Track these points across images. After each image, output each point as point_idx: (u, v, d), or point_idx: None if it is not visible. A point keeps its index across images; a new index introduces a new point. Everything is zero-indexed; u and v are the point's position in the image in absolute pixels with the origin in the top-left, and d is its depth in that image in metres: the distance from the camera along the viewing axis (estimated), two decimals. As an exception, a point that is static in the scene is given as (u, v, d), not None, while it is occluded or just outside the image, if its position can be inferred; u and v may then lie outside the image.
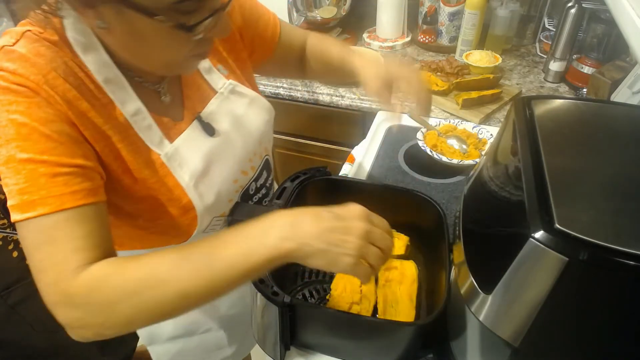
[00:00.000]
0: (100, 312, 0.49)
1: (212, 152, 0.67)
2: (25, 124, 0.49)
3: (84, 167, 0.52)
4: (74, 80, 0.54)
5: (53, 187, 0.49)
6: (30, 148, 0.49)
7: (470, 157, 1.05)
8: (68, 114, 0.53)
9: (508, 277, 0.46)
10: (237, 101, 0.73)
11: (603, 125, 0.58)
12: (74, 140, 0.53)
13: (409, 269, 0.78)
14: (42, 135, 0.50)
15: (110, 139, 0.57)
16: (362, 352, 0.70)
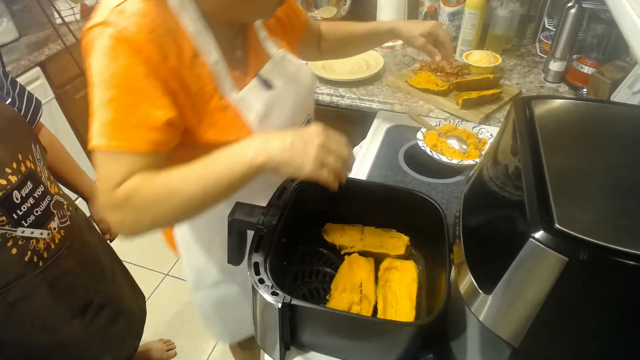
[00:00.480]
0: (133, 215, 0.64)
1: (271, 100, 0.78)
2: (127, 75, 0.61)
3: (165, 122, 0.63)
4: (170, 35, 0.65)
5: (135, 132, 0.62)
6: (126, 96, 0.61)
7: (470, 157, 1.05)
8: (162, 70, 0.63)
9: (508, 277, 0.46)
10: (288, 65, 0.85)
11: (603, 125, 0.58)
12: (163, 96, 0.63)
13: (409, 269, 0.78)
14: (139, 87, 0.62)
15: (192, 87, 0.68)
16: (362, 352, 0.70)
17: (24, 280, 0.93)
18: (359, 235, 0.85)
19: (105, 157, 0.63)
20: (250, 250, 0.67)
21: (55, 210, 0.98)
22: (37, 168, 0.95)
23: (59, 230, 0.98)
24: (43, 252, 0.95)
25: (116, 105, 0.62)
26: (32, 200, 0.91)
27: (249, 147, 0.63)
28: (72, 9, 2.12)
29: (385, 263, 0.79)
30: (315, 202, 0.84)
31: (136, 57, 0.61)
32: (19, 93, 1.01)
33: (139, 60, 0.61)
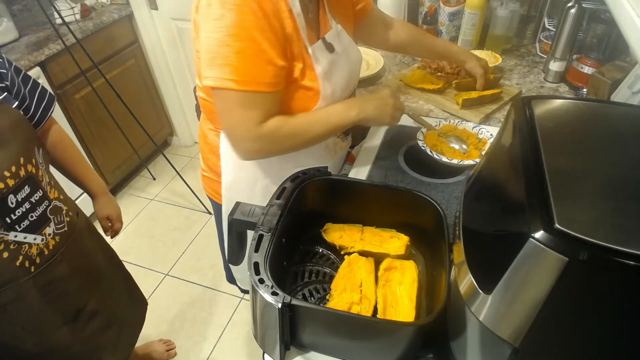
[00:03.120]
0: (272, 146, 0.89)
1: (333, 61, 0.93)
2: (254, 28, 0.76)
3: (282, 67, 0.81)
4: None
5: (260, 74, 0.79)
6: (254, 47, 0.77)
7: (470, 157, 1.05)
8: (276, 22, 0.78)
9: (508, 277, 0.46)
10: (343, 39, 0.98)
11: (603, 125, 0.58)
12: (279, 45, 0.80)
13: (409, 269, 0.78)
14: (263, 38, 0.77)
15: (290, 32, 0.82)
16: (362, 352, 0.70)
17: (14, 284, 0.92)
18: (359, 235, 0.85)
19: (238, 99, 0.80)
20: (250, 250, 0.67)
21: (52, 215, 0.97)
22: (39, 172, 0.94)
23: (54, 236, 0.97)
24: (35, 258, 0.93)
25: (249, 53, 0.76)
26: (28, 205, 0.90)
27: (353, 108, 0.92)
28: (72, 9, 2.12)
29: (385, 263, 0.79)
30: (315, 202, 0.84)
31: (259, 12, 0.75)
32: (30, 89, 1.00)
33: (263, 13, 0.75)
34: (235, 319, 1.90)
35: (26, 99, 0.98)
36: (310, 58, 0.87)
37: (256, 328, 0.70)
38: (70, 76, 2.07)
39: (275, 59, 0.79)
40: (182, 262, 2.18)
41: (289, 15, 0.81)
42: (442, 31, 1.59)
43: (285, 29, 0.81)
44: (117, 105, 2.22)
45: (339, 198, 0.85)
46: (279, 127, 0.85)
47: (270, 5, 0.77)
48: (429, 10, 1.57)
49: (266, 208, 0.73)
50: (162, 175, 2.68)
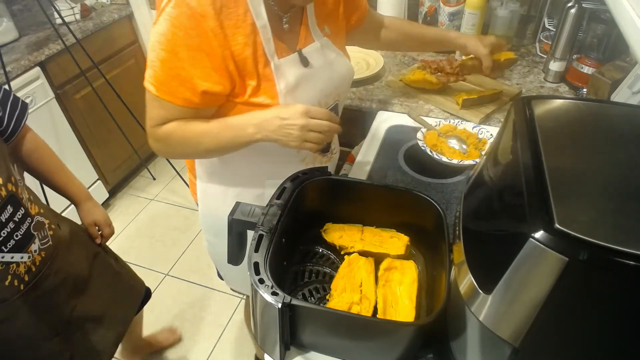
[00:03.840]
0: (168, 149, 0.87)
1: (303, 76, 0.86)
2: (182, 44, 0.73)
3: (202, 91, 0.76)
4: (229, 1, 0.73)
5: (177, 89, 0.77)
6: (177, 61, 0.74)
7: (470, 157, 1.05)
8: (218, 41, 0.73)
9: (508, 277, 0.46)
10: (327, 52, 0.93)
11: (603, 125, 0.58)
12: (213, 68, 0.75)
13: (409, 269, 0.78)
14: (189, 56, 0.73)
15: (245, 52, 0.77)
16: (362, 352, 0.70)
17: (5, 304, 0.91)
18: (359, 235, 0.85)
19: (153, 101, 0.80)
20: (250, 250, 0.67)
21: (36, 232, 0.96)
22: (18, 190, 0.92)
23: (39, 252, 0.96)
24: (24, 276, 0.93)
25: (168, 65, 0.75)
26: (12, 225, 0.89)
27: (250, 124, 0.80)
28: (72, 9, 2.12)
29: (385, 263, 0.79)
30: (315, 202, 0.84)
31: (193, 30, 0.72)
32: (2, 100, 0.98)
33: (195, 33, 0.72)
34: (235, 319, 1.90)
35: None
36: (271, 73, 0.82)
37: (256, 328, 0.70)
38: (70, 76, 2.07)
39: (196, 81, 0.75)
40: (182, 262, 2.18)
41: (248, 30, 0.76)
42: (442, 31, 1.59)
43: (231, 49, 0.75)
44: (117, 105, 2.22)
45: (339, 198, 0.85)
46: (171, 132, 0.82)
47: (215, 23, 0.72)
48: (429, 10, 1.57)
49: (266, 208, 0.73)
50: (162, 175, 2.68)
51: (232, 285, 1.35)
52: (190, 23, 0.71)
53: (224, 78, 0.77)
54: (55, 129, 2.05)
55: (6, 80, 1.71)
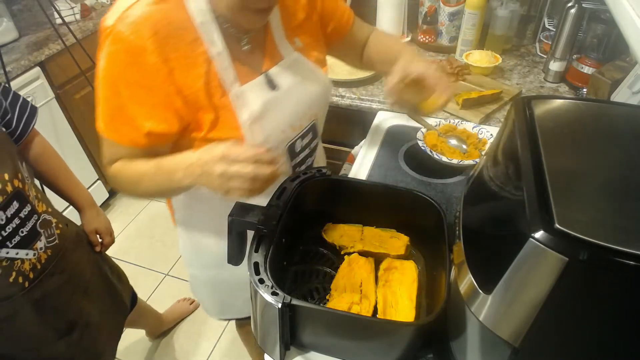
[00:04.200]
0: (119, 187, 0.80)
1: (270, 102, 0.78)
2: (122, 81, 0.68)
3: (147, 132, 0.71)
4: (176, 34, 0.68)
5: (120, 129, 0.72)
6: (118, 99, 0.69)
7: (470, 157, 1.05)
8: (160, 77, 0.67)
9: (508, 277, 0.46)
10: (299, 70, 0.84)
11: (603, 125, 0.58)
12: (153, 106, 0.69)
13: (409, 269, 0.78)
14: (130, 94, 0.68)
15: (195, 85, 0.70)
16: (362, 352, 0.70)
17: (9, 301, 0.91)
18: (359, 235, 0.85)
19: (103, 139, 0.75)
20: (250, 250, 0.67)
21: (42, 229, 0.96)
22: (25, 187, 0.93)
23: (45, 250, 0.96)
24: (29, 273, 0.93)
25: (110, 104, 0.70)
26: (18, 221, 0.90)
27: (179, 168, 0.70)
28: (72, 9, 2.12)
29: (385, 263, 0.79)
30: (315, 202, 0.84)
31: (132, 66, 0.66)
32: (11, 102, 0.99)
33: (135, 69, 0.66)
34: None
35: (7, 113, 0.97)
36: (230, 103, 0.74)
37: (256, 328, 0.70)
38: (70, 76, 2.07)
39: (139, 121, 0.69)
40: (182, 262, 2.17)
41: (200, 60, 0.70)
42: (442, 31, 1.59)
43: (177, 84, 0.69)
44: (117, 105, 2.22)
45: (339, 198, 0.85)
46: (118, 171, 0.77)
47: (156, 58, 0.66)
48: (429, 10, 1.57)
49: (266, 208, 0.73)
50: (162, 175, 2.68)
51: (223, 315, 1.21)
52: (129, 58, 0.66)
53: (170, 115, 0.71)
54: (55, 129, 2.05)
55: (6, 80, 1.71)
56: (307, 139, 0.90)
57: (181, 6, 0.68)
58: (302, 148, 0.90)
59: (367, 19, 1.73)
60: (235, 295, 1.09)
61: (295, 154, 0.88)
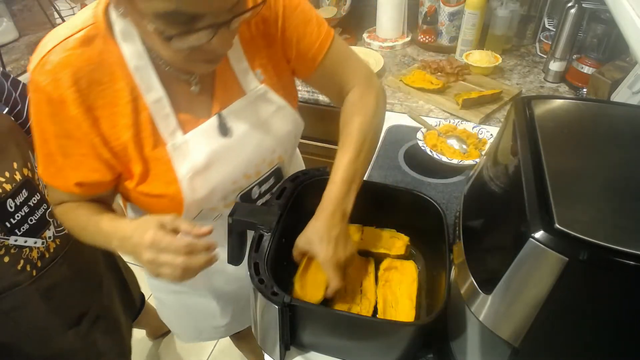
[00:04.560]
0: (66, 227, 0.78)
1: (219, 151, 0.70)
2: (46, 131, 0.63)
3: (75, 183, 0.67)
4: (101, 80, 0.61)
5: (55, 176, 0.68)
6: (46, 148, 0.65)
7: (470, 157, 1.05)
8: (82, 127, 0.62)
9: (508, 277, 0.46)
10: (263, 107, 0.74)
11: (603, 125, 0.58)
12: (80, 156, 0.65)
13: (409, 269, 0.78)
14: (56, 144, 0.64)
15: (123, 136, 0.64)
16: (362, 352, 0.70)
17: (17, 289, 0.92)
18: (359, 235, 0.85)
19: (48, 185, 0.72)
20: (250, 250, 0.67)
21: (52, 218, 0.97)
22: (34, 176, 0.94)
23: (54, 239, 0.97)
24: (37, 262, 0.93)
25: (42, 152, 0.66)
26: (27, 209, 0.90)
27: (115, 237, 0.66)
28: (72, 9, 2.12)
29: (385, 263, 0.79)
30: (315, 202, 0.84)
31: (52, 117, 0.61)
32: (20, 93, 1.00)
33: (58, 120, 0.61)
34: (235, 319, 1.90)
35: (17, 104, 0.97)
36: (167, 155, 0.66)
37: (256, 328, 0.70)
38: (70, 76, 2.07)
39: (67, 172, 0.66)
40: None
41: (128, 109, 0.63)
42: (442, 31, 1.59)
43: (104, 134, 0.63)
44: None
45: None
46: (62, 215, 0.74)
47: (78, 109, 0.60)
48: (429, 10, 1.57)
49: (266, 208, 0.73)
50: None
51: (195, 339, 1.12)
52: (50, 109, 0.61)
53: (101, 165, 0.66)
54: (55, 129, 2.04)
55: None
56: (268, 185, 0.82)
57: (110, 49, 0.61)
58: (261, 194, 0.82)
59: (367, 19, 1.75)
60: (204, 320, 1.03)
61: (250, 200, 0.81)
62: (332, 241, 0.67)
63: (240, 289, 0.96)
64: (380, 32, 1.67)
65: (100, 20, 0.61)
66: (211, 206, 0.75)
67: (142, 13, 0.53)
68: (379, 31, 1.68)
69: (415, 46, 1.68)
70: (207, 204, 0.73)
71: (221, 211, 0.78)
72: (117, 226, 0.67)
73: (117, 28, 0.61)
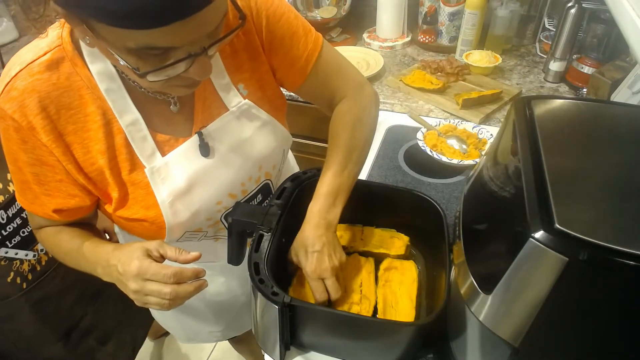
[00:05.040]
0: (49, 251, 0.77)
1: (201, 172, 0.68)
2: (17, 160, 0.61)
3: (52, 210, 0.65)
4: (70, 105, 0.59)
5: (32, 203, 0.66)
6: (20, 175, 0.63)
7: (470, 157, 1.05)
8: (55, 152, 0.60)
9: (508, 277, 0.46)
10: (247, 123, 0.71)
11: (603, 125, 0.58)
12: (55, 182, 0.63)
13: (409, 269, 0.78)
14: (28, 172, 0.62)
15: (98, 162, 0.63)
16: (362, 352, 0.70)
17: (6, 301, 0.91)
18: (359, 235, 0.85)
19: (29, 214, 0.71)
20: (250, 250, 0.67)
21: None
22: None
23: (46, 252, 0.96)
24: (27, 274, 0.93)
25: (17, 178, 0.65)
26: (19, 221, 0.89)
27: (99, 264, 0.65)
28: (72, 9, 2.12)
29: (385, 263, 0.79)
30: (315, 202, 0.84)
31: (23, 145, 0.59)
32: None
33: (29, 147, 0.59)
34: (235, 319, 1.90)
35: None
36: (145, 179, 0.64)
37: (256, 328, 0.70)
38: (70, 76, 2.07)
39: (43, 200, 0.64)
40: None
41: (100, 134, 0.60)
42: (442, 31, 1.59)
43: (77, 160, 0.61)
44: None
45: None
46: (44, 240, 0.73)
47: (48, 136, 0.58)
48: (429, 10, 1.57)
49: (266, 208, 0.73)
50: (162, 175, 2.68)
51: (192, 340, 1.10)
52: (20, 136, 0.58)
53: (78, 191, 0.64)
54: (55, 129, 2.04)
55: (6, 81, 1.71)
56: (256, 202, 0.80)
57: (79, 71, 0.58)
58: None
59: (367, 19, 1.75)
60: (197, 324, 1.02)
61: None
62: (314, 253, 0.66)
63: (232, 298, 0.95)
64: (380, 32, 1.67)
65: (66, 42, 0.58)
66: (195, 228, 0.74)
67: (112, 47, 0.49)
68: (379, 31, 1.68)
69: (415, 46, 1.68)
70: (190, 226, 0.72)
71: (207, 231, 0.76)
72: (100, 253, 0.65)
73: (85, 50, 0.58)
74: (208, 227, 0.76)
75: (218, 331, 1.03)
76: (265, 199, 0.83)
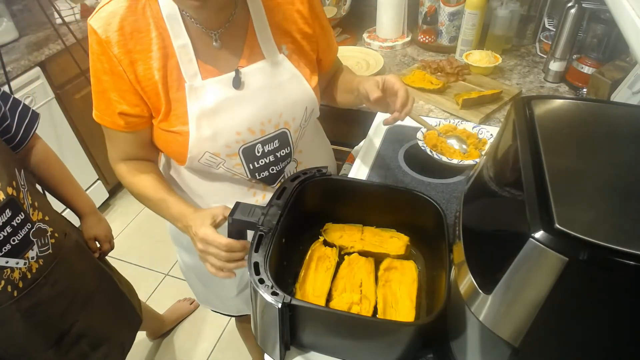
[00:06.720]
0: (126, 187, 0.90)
1: (228, 101, 0.79)
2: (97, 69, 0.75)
3: (119, 112, 0.77)
4: (142, 29, 0.73)
5: (105, 112, 0.79)
6: (98, 85, 0.77)
7: (470, 157, 1.05)
8: (124, 66, 0.73)
9: (508, 277, 0.46)
10: (278, 74, 0.82)
11: (603, 125, 0.58)
12: (122, 90, 0.76)
13: (409, 269, 0.78)
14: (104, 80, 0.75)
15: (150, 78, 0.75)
16: (362, 352, 0.70)
17: None
18: (359, 235, 0.85)
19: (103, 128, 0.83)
20: (250, 250, 0.67)
21: (36, 238, 0.94)
22: (20, 195, 0.92)
23: (37, 260, 0.95)
24: (18, 282, 0.91)
25: (95, 89, 0.78)
26: (10, 229, 0.88)
27: (179, 220, 0.82)
28: (72, 9, 2.12)
29: (385, 263, 0.79)
30: (315, 202, 0.84)
31: (102, 56, 0.73)
32: (10, 107, 0.98)
33: (105, 58, 0.73)
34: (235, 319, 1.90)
35: (6, 119, 0.96)
36: (185, 95, 0.76)
37: (256, 328, 0.70)
38: (70, 76, 2.07)
39: (114, 103, 0.77)
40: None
41: (159, 54, 0.74)
42: (442, 31, 1.59)
43: (137, 73, 0.74)
44: (117, 105, 2.22)
45: (339, 198, 0.85)
46: (122, 176, 0.88)
47: (119, 49, 0.72)
48: (429, 10, 1.57)
49: (266, 208, 0.73)
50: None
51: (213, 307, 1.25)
52: (99, 49, 0.73)
53: (139, 101, 0.77)
54: (55, 129, 2.05)
55: (6, 80, 1.71)
56: (272, 147, 0.86)
57: (151, 5, 0.73)
58: (264, 154, 0.86)
59: (367, 19, 1.75)
60: (222, 289, 1.10)
61: (253, 157, 0.85)
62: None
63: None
64: (380, 32, 1.67)
65: None
66: (214, 151, 0.81)
67: None
68: (379, 31, 1.68)
69: (415, 46, 1.68)
70: (210, 147, 0.80)
71: (224, 159, 0.83)
72: (184, 213, 0.81)
73: None
74: (226, 156, 0.83)
75: (234, 306, 1.16)
76: (281, 147, 0.88)
